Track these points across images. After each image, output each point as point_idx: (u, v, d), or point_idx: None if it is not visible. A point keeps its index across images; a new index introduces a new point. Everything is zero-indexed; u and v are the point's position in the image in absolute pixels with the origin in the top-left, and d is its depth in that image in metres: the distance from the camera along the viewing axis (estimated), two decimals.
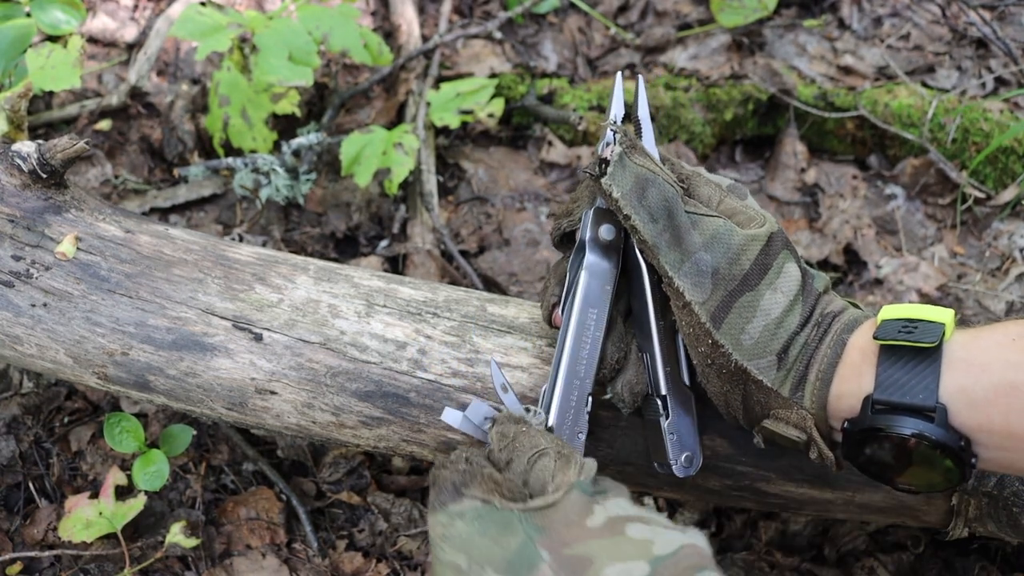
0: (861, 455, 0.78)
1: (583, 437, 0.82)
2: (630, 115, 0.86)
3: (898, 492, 0.88)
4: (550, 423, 0.81)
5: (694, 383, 0.85)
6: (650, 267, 0.83)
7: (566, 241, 0.88)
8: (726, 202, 0.83)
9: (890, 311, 0.77)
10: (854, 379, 0.77)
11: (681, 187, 0.82)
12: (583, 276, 0.83)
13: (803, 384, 0.79)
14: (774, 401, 0.80)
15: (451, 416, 0.81)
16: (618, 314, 0.86)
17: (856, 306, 0.84)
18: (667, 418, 0.84)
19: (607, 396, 0.86)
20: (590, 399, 0.83)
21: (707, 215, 0.80)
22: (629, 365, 0.85)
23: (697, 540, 0.65)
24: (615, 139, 0.79)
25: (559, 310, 0.85)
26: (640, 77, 0.89)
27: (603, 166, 0.79)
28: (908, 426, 0.72)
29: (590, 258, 0.83)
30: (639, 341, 0.86)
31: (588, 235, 0.83)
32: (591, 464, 0.72)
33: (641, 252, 0.82)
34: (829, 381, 0.78)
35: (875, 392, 0.74)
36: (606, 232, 0.83)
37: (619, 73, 0.88)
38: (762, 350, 0.79)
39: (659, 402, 0.84)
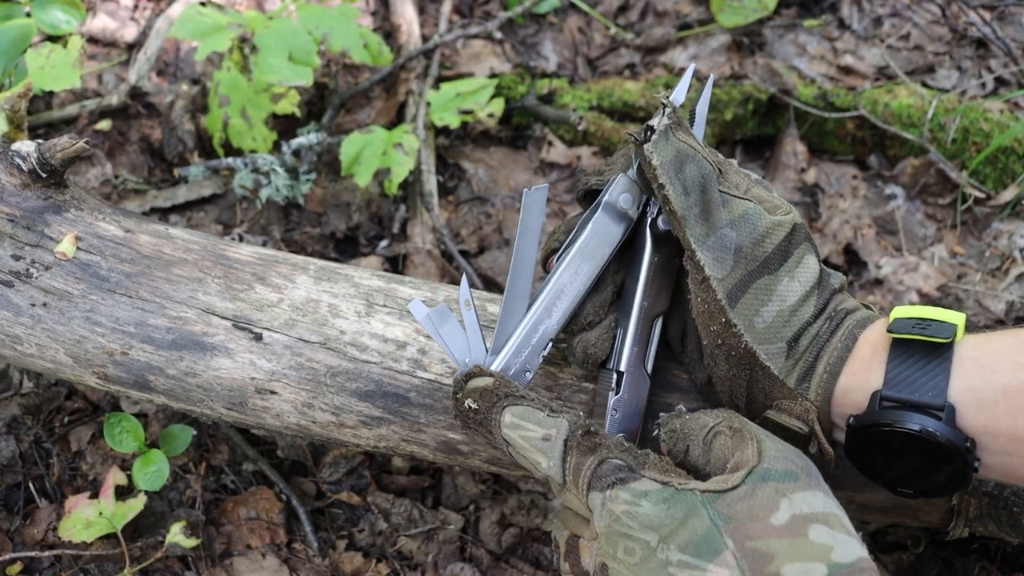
0: (864, 453, 0.78)
1: (530, 376, 0.84)
2: (688, 106, 0.90)
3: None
4: (505, 352, 0.83)
5: (655, 374, 0.87)
6: (653, 249, 0.85)
7: (588, 198, 0.89)
8: (753, 190, 0.84)
9: (902, 311, 0.78)
10: (863, 374, 0.77)
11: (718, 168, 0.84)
12: (588, 229, 0.85)
13: (810, 375, 0.79)
14: (778, 391, 0.80)
15: (417, 308, 0.83)
16: (613, 284, 0.87)
17: (868, 308, 0.85)
18: (616, 394, 0.86)
19: (562, 345, 0.88)
20: (550, 344, 0.84)
21: (739, 197, 0.82)
22: (596, 329, 0.87)
23: (866, 554, 0.66)
24: (665, 112, 0.81)
25: (555, 257, 0.87)
26: (711, 76, 0.93)
27: (648, 133, 0.80)
28: (915, 422, 0.72)
29: (600, 216, 0.85)
30: (620, 318, 0.87)
31: (607, 198, 0.85)
32: (769, 445, 0.71)
33: (670, 224, 0.83)
34: (837, 374, 0.78)
35: (884, 388, 0.75)
36: (624, 201, 0.85)
37: (692, 64, 0.92)
38: (773, 335, 0.80)
39: (615, 376, 0.86)
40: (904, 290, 1.43)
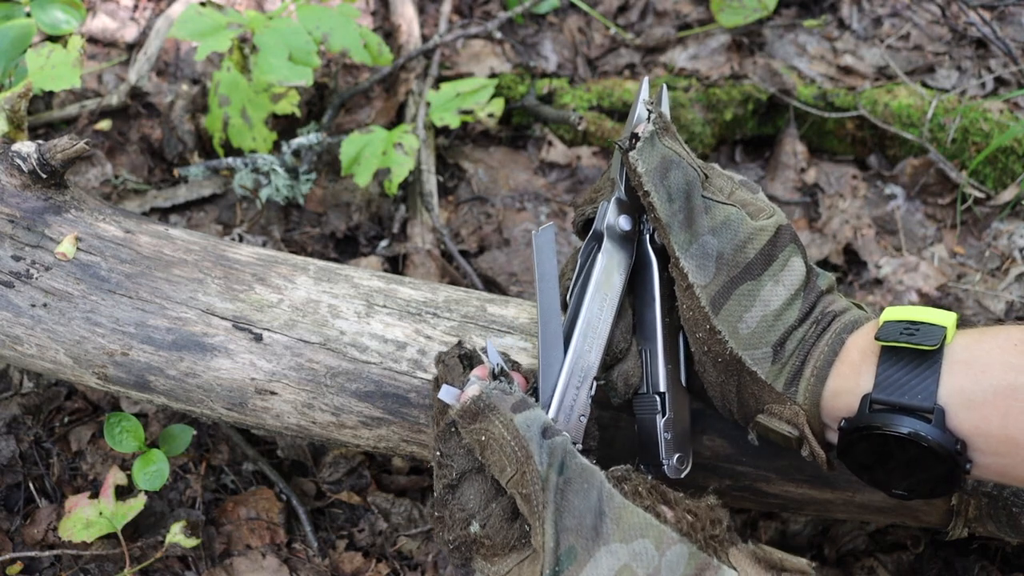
0: (856, 455, 0.77)
1: (584, 420, 0.81)
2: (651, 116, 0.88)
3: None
4: (555, 402, 0.80)
5: (691, 384, 0.86)
6: (660, 263, 0.84)
7: (587, 228, 0.89)
8: (737, 194, 0.84)
9: (892, 313, 0.77)
10: (853, 377, 0.77)
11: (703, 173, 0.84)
12: (600, 260, 0.83)
13: (798, 379, 0.79)
14: (767, 395, 0.80)
15: (448, 394, 0.78)
16: (628, 306, 0.86)
17: (860, 308, 0.84)
18: (663, 416, 0.84)
19: (600, 383, 0.86)
20: (594, 383, 0.82)
21: (723, 202, 0.81)
22: (629, 357, 0.85)
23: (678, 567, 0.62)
24: (650, 119, 0.81)
25: (568, 295, 0.85)
26: (664, 85, 0.92)
27: (633, 140, 0.80)
28: (905, 425, 0.72)
29: (608, 245, 0.84)
30: (639, 338, 0.86)
31: (606, 224, 0.84)
32: (550, 516, 0.67)
33: (654, 231, 0.83)
34: (824, 378, 0.78)
35: (874, 391, 0.74)
36: (624, 222, 0.84)
37: (646, 77, 0.90)
38: (758, 340, 0.79)
39: (657, 399, 0.84)
40: (904, 290, 1.43)
